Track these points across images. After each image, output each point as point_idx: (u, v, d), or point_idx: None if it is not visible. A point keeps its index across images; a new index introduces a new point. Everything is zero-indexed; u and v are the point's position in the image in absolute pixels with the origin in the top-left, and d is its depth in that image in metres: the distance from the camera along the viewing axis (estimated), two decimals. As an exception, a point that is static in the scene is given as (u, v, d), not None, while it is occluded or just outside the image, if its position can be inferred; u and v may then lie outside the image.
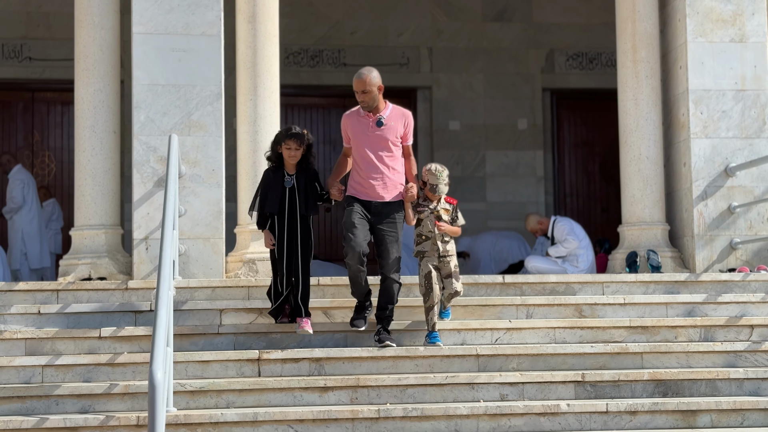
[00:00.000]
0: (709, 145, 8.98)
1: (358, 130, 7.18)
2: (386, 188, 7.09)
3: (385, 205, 7.10)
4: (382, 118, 7.12)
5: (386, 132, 7.12)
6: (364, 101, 7.10)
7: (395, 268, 7.04)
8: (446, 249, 7.28)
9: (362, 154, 7.13)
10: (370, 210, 7.07)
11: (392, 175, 7.13)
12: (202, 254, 8.29)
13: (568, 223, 9.91)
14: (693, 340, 7.48)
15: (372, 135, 7.11)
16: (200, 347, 7.07)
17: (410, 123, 7.25)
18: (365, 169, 7.10)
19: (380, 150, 7.10)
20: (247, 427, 6.22)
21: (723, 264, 8.88)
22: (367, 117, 7.16)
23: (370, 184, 7.08)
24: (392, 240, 7.06)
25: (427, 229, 7.28)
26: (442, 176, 7.28)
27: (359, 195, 7.11)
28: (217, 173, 8.39)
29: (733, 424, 6.57)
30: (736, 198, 8.95)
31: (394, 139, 7.14)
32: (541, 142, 14.43)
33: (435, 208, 7.31)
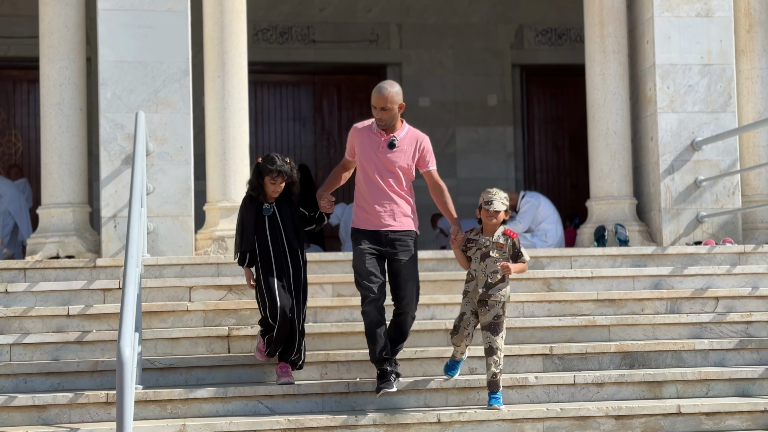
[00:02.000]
0: (675, 119, 9.05)
1: (367, 149, 6.30)
2: (395, 217, 6.26)
3: (397, 233, 6.27)
4: (395, 139, 6.27)
5: (397, 156, 6.27)
6: (382, 119, 6.24)
7: (414, 302, 6.31)
8: (489, 294, 6.28)
9: (369, 177, 6.29)
10: (381, 241, 6.24)
11: (402, 203, 6.29)
12: (170, 232, 8.27)
13: (536, 198, 9.95)
14: (659, 312, 7.56)
15: (382, 156, 6.27)
16: (169, 324, 7.06)
17: (426, 147, 6.36)
18: (371, 195, 6.27)
19: (389, 175, 6.26)
20: (217, 403, 6.23)
21: (689, 237, 8.97)
22: (379, 135, 6.30)
23: (376, 211, 6.24)
24: (409, 270, 6.26)
25: (473, 266, 6.36)
26: (499, 194, 6.36)
27: (366, 224, 6.28)
28: (186, 151, 8.36)
29: (698, 394, 6.66)
30: (703, 172, 9.04)
31: (404, 165, 6.28)
32: (510, 118, 14.47)
33: (485, 243, 6.34)
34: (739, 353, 7.03)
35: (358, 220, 6.32)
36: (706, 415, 6.34)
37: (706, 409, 6.34)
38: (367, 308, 6.14)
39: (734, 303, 7.62)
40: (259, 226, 6.40)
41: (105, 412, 6.13)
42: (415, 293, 6.29)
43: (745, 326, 7.33)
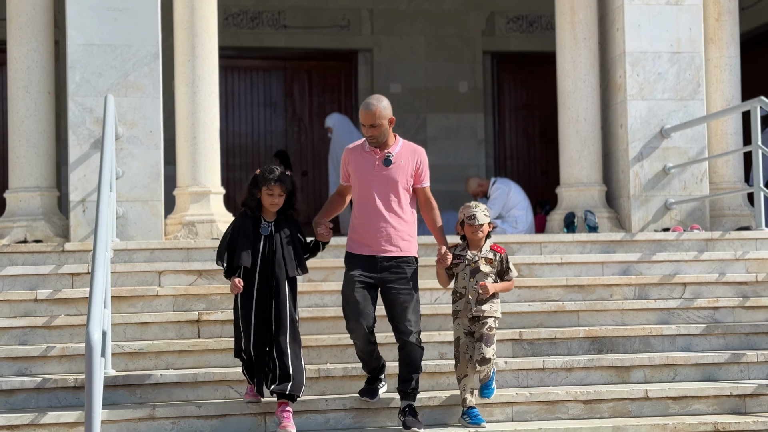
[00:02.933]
0: (645, 106, 9.10)
1: (362, 169, 5.97)
2: (392, 241, 5.89)
3: (393, 258, 5.90)
4: (390, 155, 5.93)
5: (395, 172, 5.93)
6: (372, 136, 5.90)
7: (415, 330, 5.88)
8: (482, 309, 6.04)
9: (365, 198, 5.94)
10: (375, 267, 5.87)
11: (400, 225, 5.92)
12: (140, 216, 8.23)
13: (506, 185, 9.99)
14: (628, 298, 7.62)
15: (378, 175, 5.93)
16: (139, 309, 7.03)
17: (424, 161, 6.03)
18: (368, 217, 5.91)
19: (387, 194, 5.91)
20: (186, 388, 6.22)
21: (658, 224, 9.04)
22: (372, 153, 5.97)
23: (372, 234, 5.88)
24: (408, 298, 5.85)
25: (462, 284, 6.08)
26: (480, 207, 6.11)
27: (360, 249, 5.93)
28: (155, 135, 8.30)
29: (666, 378, 6.72)
30: (671, 159, 9.10)
31: (404, 181, 5.94)
32: (481, 105, 14.49)
33: (473, 259, 6.09)
34: (705, 338, 7.10)
35: (353, 244, 5.97)
36: (673, 399, 6.40)
37: (673, 394, 6.40)
38: (354, 338, 5.92)
39: (701, 289, 7.69)
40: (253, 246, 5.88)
41: (74, 397, 6.10)
42: (413, 323, 5.84)
43: (712, 312, 7.40)
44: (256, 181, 5.96)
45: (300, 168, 14.38)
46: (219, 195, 8.68)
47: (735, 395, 6.43)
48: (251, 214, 5.96)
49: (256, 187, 5.95)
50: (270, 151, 14.11)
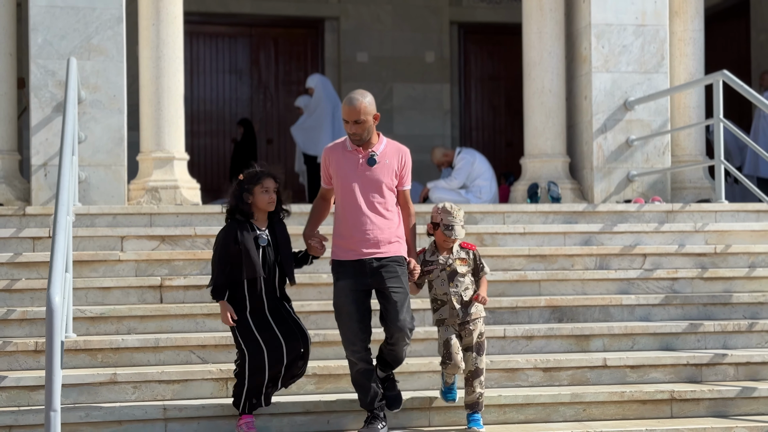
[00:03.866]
0: (609, 79, 9.16)
1: (345, 169, 5.59)
2: (379, 243, 5.54)
3: (381, 260, 5.55)
4: (374, 154, 5.57)
5: (380, 172, 5.57)
6: (356, 134, 5.53)
7: (408, 329, 5.53)
8: (470, 312, 5.74)
9: (348, 200, 5.57)
10: (365, 272, 5.52)
11: (387, 227, 5.58)
12: (103, 181, 8.17)
13: (471, 155, 10.02)
14: (589, 268, 7.70)
15: (362, 175, 5.56)
16: (101, 274, 6.99)
17: (408, 161, 5.68)
18: (352, 220, 5.55)
19: (372, 194, 5.55)
20: (148, 353, 6.21)
21: (620, 196, 9.13)
22: (355, 152, 5.60)
23: (358, 238, 5.52)
24: (401, 297, 5.52)
25: (442, 291, 5.73)
26: (459, 215, 5.72)
27: (346, 255, 5.55)
28: (119, 99, 8.23)
29: (624, 348, 6.81)
30: (634, 131, 9.18)
31: (389, 181, 5.59)
32: (448, 76, 14.50)
33: (447, 262, 5.76)
34: (664, 308, 7.20)
35: (339, 251, 5.59)
36: (630, 368, 6.49)
37: (631, 362, 6.49)
38: (350, 357, 5.53)
39: (661, 260, 7.78)
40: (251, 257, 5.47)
41: (34, 361, 6.07)
42: (408, 321, 5.52)
43: (671, 282, 7.50)
44: (244, 184, 5.52)
45: (265, 136, 14.33)
46: (183, 161, 8.63)
47: (691, 364, 6.53)
48: (245, 221, 5.50)
49: (247, 191, 5.49)
50: (235, 118, 14.04)
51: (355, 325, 5.47)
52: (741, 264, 7.82)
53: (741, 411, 6.23)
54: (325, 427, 5.80)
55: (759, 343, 6.93)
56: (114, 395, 5.84)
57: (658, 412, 6.17)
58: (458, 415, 5.92)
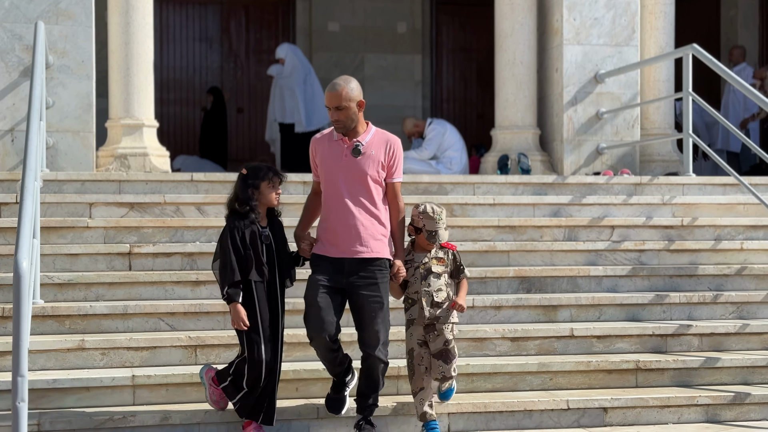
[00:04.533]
0: (580, 51, 9.18)
1: (329, 159, 5.35)
2: (363, 241, 5.28)
3: (363, 261, 5.29)
4: (359, 144, 5.30)
5: (365, 163, 5.29)
6: (339, 121, 5.29)
7: (382, 342, 5.30)
8: (438, 317, 5.47)
9: (332, 192, 5.34)
10: (343, 270, 5.28)
11: (371, 223, 5.31)
12: (71, 148, 8.10)
13: (442, 125, 10.02)
14: (557, 239, 7.75)
15: (346, 166, 5.31)
16: (69, 240, 6.94)
17: (397, 152, 5.37)
18: (335, 214, 5.32)
19: (356, 187, 5.30)
20: (117, 320, 6.19)
21: (589, 168, 9.18)
22: (341, 142, 5.35)
23: (340, 233, 5.29)
24: (376, 307, 5.27)
25: (413, 289, 5.49)
26: (441, 219, 5.47)
27: (328, 251, 5.32)
28: (87, 65, 8.14)
29: (591, 318, 6.88)
30: (605, 104, 9.22)
31: (374, 173, 5.30)
32: (419, 47, 14.46)
33: (422, 260, 5.51)
34: (631, 280, 7.27)
35: (320, 245, 5.36)
36: (597, 338, 6.55)
37: (597, 333, 6.56)
38: (314, 346, 5.32)
39: (629, 232, 7.85)
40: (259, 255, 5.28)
41: (1, 327, 6.03)
42: (382, 334, 5.28)
43: (638, 254, 7.57)
44: (249, 179, 5.27)
45: (235, 105, 14.24)
46: (152, 128, 8.57)
47: (657, 335, 6.61)
48: (252, 218, 5.26)
49: (253, 186, 5.26)
50: (205, 87, 13.93)
51: (316, 313, 5.20)
52: (707, 236, 7.90)
53: (704, 381, 6.33)
54: (293, 394, 5.81)
55: (723, 314, 7.03)
56: (82, 361, 5.82)
57: (623, 381, 6.25)
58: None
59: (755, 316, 7.04)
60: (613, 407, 5.93)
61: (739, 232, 7.95)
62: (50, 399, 5.49)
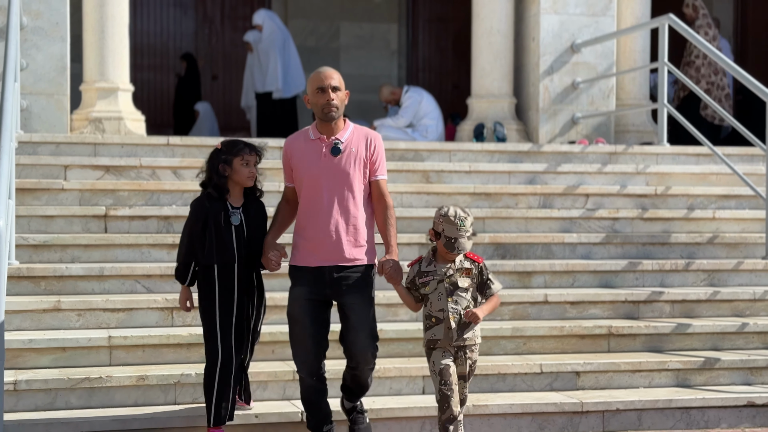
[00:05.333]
0: (557, 21, 9.20)
1: (307, 160, 4.94)
2: (344, 247, 4.89)
3: (345, 269, 4.91)
4: (338, 142, 4.92)
5: (346, 162, 4.91)
6: (334, 105, 4.88)
7: (370, 353, 4.96)
8: (464, 338, 4.87)
9: (311, 195, 4.93)
10: (324, 281, 4.90)
11: (354, 227, 4.92)
12: (45, 110, 8.04)
13: (418, 93, 10.02)
14: (532, 206, 7.80)
15: (326, 167, 4.91)
16: (44, 202, 6.90)
17: (379, 147, 5.00)
18: (313, 219, 4.91)
19: (337, 189, 4.90)
20: (93, 281, 6.18)
21: (565, 137, 9.23)
22: (318, 141, 4.95)
23: (320, 240, 4.88)
24: (361, 316, 4.91)
25: (438, 306, 4.86)
26: (465, 225, 4.89)
27: (305, 260, 4.92)
28: (62, 27, 8.07)
29: (565, 284, 6.95)
30: (581, 74, 9.26)
31: (357, 172, 4.93)
32: (395, 16, 14.41)
33: (447, 273, 4.89)
34: (604, 247, 7.34)
35: (298, 255, 4.96)
36: (570, 304, 6.63)
37: (571, 299, 6.63)
38: (300, 372, 4.97)
39: (603, 200, 7.91)
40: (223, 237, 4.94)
41: (-24, 288, 6.00)
42: (369, 344, 4.94)
43: (611, 222, 7.64)
44: (222, 153, 4.97)
45: (210, 72, 14.15)
46: (128, 92, 8.52)
47: (629, 301, 6.69)
48: (218, 197, 4.96)
49: (225, 161, 4.94)
50: (179, 52, 13.82)
51: (308, 340, 4.89)
52: (680, 205, 7.99)
53: (675, 346, 6.42)
54: (269, 356, 5.85)
55: (695, 281, 7.12)
56: (58, 322, 5.82)
57: (595, 346, 6.32)
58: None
59: (726, 283, 7.14)
60: (586, 371, 6.01)
61: (711, 202, 8.04)
62: (26, 359, 5.49)
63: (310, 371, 4.93)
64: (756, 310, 6.85)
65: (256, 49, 11.55)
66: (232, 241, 4.95)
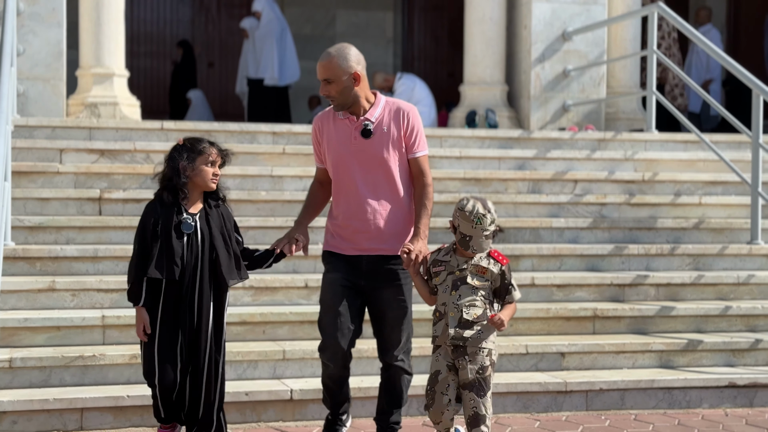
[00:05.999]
0: (549, 9, 9.29)
1: (336, 143, 4.59)
2: (383, 236, 4.54)
3: (383, 259, 4.56)
4: (369, 124, 4.53)
5: (378, 144, 4.53)
6: (330, 96, 4.52)
7: (404, 350, 4.63)
8: (466, 338, 4.38)
9: (344, 181, 4.59)
10: (361, 268, 4.56)
11: (392, 215, 4.55)
12: (41, 95, 8.14)
13: (411, 80, 10.13)
14: (521, 192, 7.90)
15: (358, 150, 4.55)
16: (39, 185, 7.01)
17: (414, 121, 4.59)
18: (346, 206, 4.59)
19: (372, 174, 4.54)
20: (87, 263, 6.28)
21: (556, 124, 9.34)
22: (348, 121, 4.58)
23: (356, 229, 4.56)
24: (399, 313, 4.57)
25: (441, 300, 4.45)
26: (483, 223, 4.34)
27: (341, 247, 4.61)
28: (58, 12, 8.17)
29: (552, 268, 7.06)
30: (572, 62, 9.35)
31: (393, 154, 4.54)
32: (391, 4, 14.50)
33: (458, 266, 4.42)
34: (592, 232, 7.45)
35: (332, 240, 4.65)
36: (557, 287, 6.74)
37: (558, 282, 6.74)
38: (325, 359, 4.59)
39: (591, 186, 8.02)
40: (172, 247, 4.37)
41: (-28, 268, 6.11)
42: (405, 341, 4.61)
43: (599, 207, 7.75)
44: (185, 151, 4.43)
45: (206, 59, 14.24)
46: (123, 78, 8.61)
47: (615, 284, 6.81)
48: (173, 201, 4.39)
49: (189, 160, 4.40)
50: (175, 40, 13.92)
51: (333, 319, 4.50)
52: (667, 191, 8.10)
53: (659, 328, 6.54)
54: (260, 336, 5.96)
55: (680, 266, 7.23)
56: (52, 302, 5.92)
57: (581, 328, 6.44)
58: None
59: (710, 267, 7.26)
60: (570, 352, 6.12)
61: (698, 188, 8.15)
62: (21, 337, 5.60)
63: (335, 360, 4.56)
64: (740, 293, 6.97)
65: (252, 35, 11.64)
66: (182, 251, 4.36)
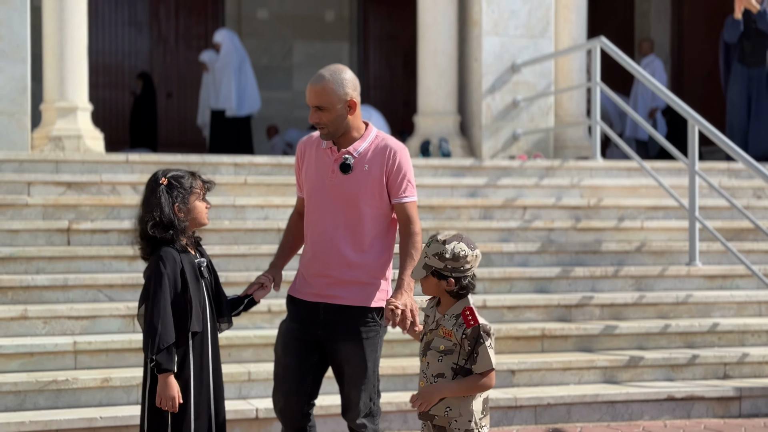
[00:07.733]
0: (498, 42, 9.71)
1: (313, 172, 4.13)
2: (344, 283, 4.05)
3: (343, 309, 4.06)
4: (349, 158, 4.03)
5: (357, 182, 4.04)
6: (319, 124, 4.02)
7: (366, 413, 4.09)
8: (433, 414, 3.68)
9: (314, 217, 4.13)
10: (318, 317, 4.08)
11: (359, 261, 4.05)
12: (6, 130, 8.36)
13: (367, 111, 10.47)
14: (473, 218, 8.26)
15: (333, 186, 4.07)
16: (9, 217, 7.22)
17: (402, 162, 4.06)
18: (312, 244, 4.12)
19: (344, 214, 4.05)
20: (57, 291, 6.51)
21: (506, 153, 9.72)
22: (330, 151, 4.10)
23: (316, 271, 4.09)
24: (357, 369, 4.06)
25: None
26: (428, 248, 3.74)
27: (302, 293, 4.14)
28: (22, 49, 8.41)
29: (503, 290, 7.40)
30: (521, 93, 9.77)
31: (369, 195, 4.04)
32: (347, 35, 14.88)
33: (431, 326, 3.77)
34: (540, 256, 7.81)
35: (296, 282, 4.20)
36: (508, 308, 7.08)
37: (508, 303, 7.08)
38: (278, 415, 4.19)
39: (540, 212, 8.40)
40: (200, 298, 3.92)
41: (-55, 298, 6.32)
42: (366, 401, 4.08)
43: (547, 232, 8.12)
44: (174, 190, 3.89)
45: (165, 90, 14.49)
46: (86, 111, 8.86)
47: (562, 305, 7.17)
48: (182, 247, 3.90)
49: (181, 201, 3.89)
50: (134, 71, 14.16)
51: (289, 385, 4.10)
52: (611, 216, 8.51)
53: (603, 346, 6.91)
54: (226, 359, 6.15)
55: (623, 287, 7.62)
56: (25, 329, 6.15)
57: (530, 347, 6.79)
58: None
59: (652, 288, 7.65)
60: (520, 370, 6.47)
61: (640, 213, 8.57)
62: (-5, 364, 5.83)
63: (287, 416, 4.14)
64: (679, 312, 7.37)
65: (212, 68, 11.95)
66: (206, 301, 3.94)
